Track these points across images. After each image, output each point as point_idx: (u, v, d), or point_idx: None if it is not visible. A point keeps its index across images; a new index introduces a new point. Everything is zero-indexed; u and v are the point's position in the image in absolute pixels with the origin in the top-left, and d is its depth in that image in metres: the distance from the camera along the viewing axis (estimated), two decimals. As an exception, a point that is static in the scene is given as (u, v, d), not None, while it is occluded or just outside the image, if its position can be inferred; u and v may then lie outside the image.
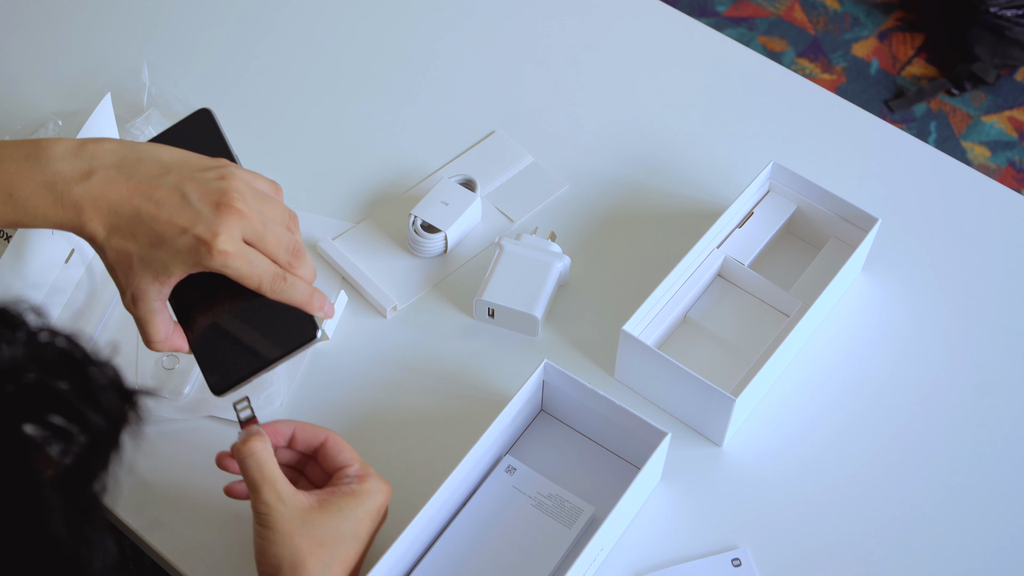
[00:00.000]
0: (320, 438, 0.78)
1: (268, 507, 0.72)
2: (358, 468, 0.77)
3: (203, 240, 0.72)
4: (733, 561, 0.82)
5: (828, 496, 0.86)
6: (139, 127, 1.01)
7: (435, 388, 0.90)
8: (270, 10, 1.15)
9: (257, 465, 0.73)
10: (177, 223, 0.73)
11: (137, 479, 0.85)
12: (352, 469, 0.77)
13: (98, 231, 0.73)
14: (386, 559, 0.75)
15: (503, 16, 1.15)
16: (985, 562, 0.83)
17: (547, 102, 1.08)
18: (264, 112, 1.08)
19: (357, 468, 0.77)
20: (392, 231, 0.99)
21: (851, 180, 1.02)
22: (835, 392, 0.90)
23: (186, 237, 0.72)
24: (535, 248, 0.94)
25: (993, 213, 1.01)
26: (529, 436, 0.88)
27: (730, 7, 2.21)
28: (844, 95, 1.27)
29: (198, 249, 0.72)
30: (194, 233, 0.72)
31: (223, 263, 0.73)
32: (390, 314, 0.94)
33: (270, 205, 0.76)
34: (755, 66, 1.12)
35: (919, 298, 0.95)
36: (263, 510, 0.72)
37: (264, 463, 0.73)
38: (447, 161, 1.04)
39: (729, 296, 0.95)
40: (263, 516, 0.72)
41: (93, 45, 1.12)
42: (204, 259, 0.73)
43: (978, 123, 2.06)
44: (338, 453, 0.77)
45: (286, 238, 0.76)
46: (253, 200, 0.75)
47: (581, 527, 0.82)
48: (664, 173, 1.03)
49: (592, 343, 0.92)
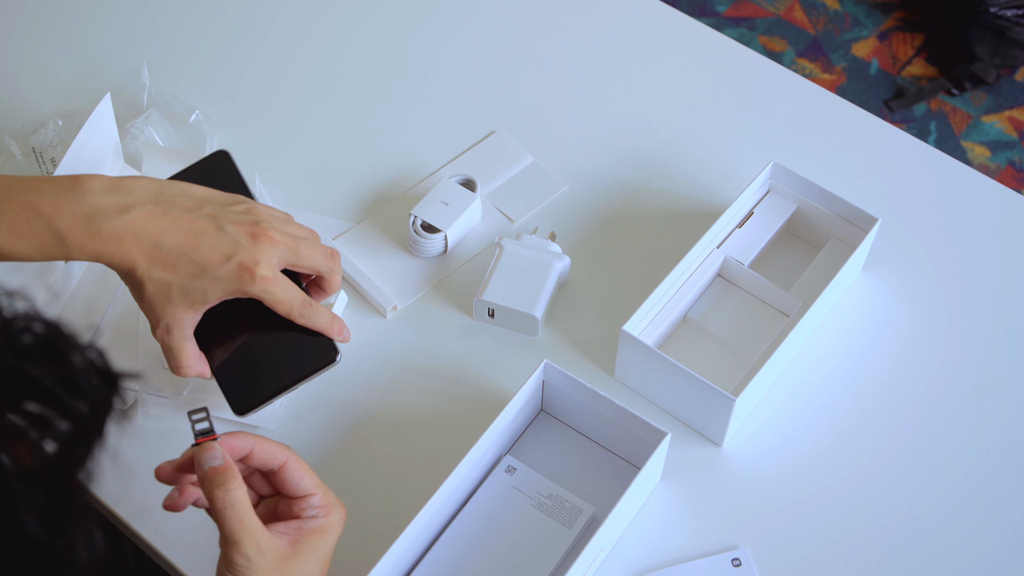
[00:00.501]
0: (279, 460, 0.72)
1: (248, 560, 0.68)
2: (321, 497, 0.72)
3: (246, 267, 0.78)
4: (733, 561, 0.82)
5: (828, 496, 0.86)
6: (139, 127, 1.01)
7: (435, 388, 0.90)
8: (270, 10, 1.15)
9: (238, 516, 0.67)
10: (219, 252, 0.78)
11: (137, 479, 0.85)
12: (315, 499, 0.72)
13: (139, 262, 0.77)
14: (386, 559, 0.75)
15: (503, 16, 1.15)
16: (985, 562, 0.83)
17: (547, 102, 1.08)
18: (264, 112, 1.08)
19: (320, 498, 0.72)
20: (392, 231, 0.99)
21: (851, 180, 1.02)
22: (835, 392, 0.90)
23: (229, 265, 0.78)
24: (535, 248, 0.94)
25: (993, 213, 1.01)
26: (529, 436, 0.88)
27: (730, 7, 2.21)
28: (844, 95, 1.27)
29: (241, 276, 0.78)
30: (238, 261, 0.78)
31: (263, 288, 0.79)
32: (390, 314, 0.94)
33: (294, 226, 0.83)
34: (755, 66, 1.12)
35: (919, 298, 0.95)
36: (241, 563, 0.68)
37: (244, 514, 0.68)
38: (447, 161, 1.04)
39: (729, 296, 0.95)
40: (240, 568, 0.68)
41: (92, 45, 1.12)
42: (246, 285, 0.78)
43: (978, 123, 2.06)
44: (299, 480, 0.71)
45: (319, 247, 0.83)
46: (281, 226, 0.81)
47: (581, 527, 0.82)
48: (664, 173, 1.03)
49: (592, 343, 0.92)
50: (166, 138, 1.02)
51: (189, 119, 1.04)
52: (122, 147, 0.99)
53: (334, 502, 0.72)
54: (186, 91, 1.06)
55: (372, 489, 0.86)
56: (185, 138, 1.03)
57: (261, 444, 0.71)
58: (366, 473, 0.86)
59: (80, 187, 0.77)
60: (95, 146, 0.94)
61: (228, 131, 1.06)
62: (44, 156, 1.00)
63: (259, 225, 0.80)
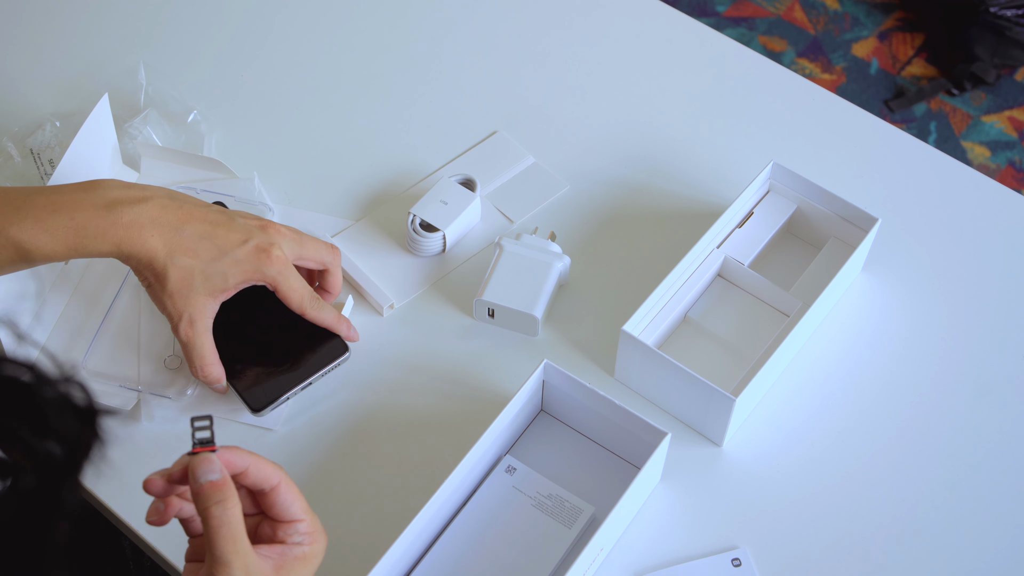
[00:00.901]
0: (272, 481, 0.69)
1: None
2: (308, 525, 0.69)
3: (263, 248, 0.83)
4: (733, 561, 0.82)
5: (828, 496, 0.85)
6: (137, 127, 1.01)
7: (435, 388, 0.90)
8: (268, 8, 1.15)
9: (231, 537, 0.64)
10: (235, 237, 0.83)
11: (138, 480, 0.85)
12: (303, 526, 0.69)
13: (159, 248, 0.81)
14: (386, 559, 0.75)
15: (506, 16, 1.15)
16: (985, 562, 0.83)
17: (549, 102, 1.08)
18: (263, 110, 1.08)
19: (308, 524, 0.69)
20: (391, 230, 0.99)
21: (851, 180, 1.02)
22: (835, 392, 0.90)
23: (247, 247, 0.83)
24: (535, 248, 0.94)
25: (993, 213, 1.01)
26: (529, 436, 0.88)
27: (730, 7, 2.21)
28: (844, 95, 1.27)
29: (259, 256, 0.83)
30: (254, 243, 0.83)
31: (279, 270, 0.83)
32: (387, 312, 0.94)
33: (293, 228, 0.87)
34: (755, 66, 1.12)
35: (919, 298, 0.95)
36: None
37: (239, 535, 0.65)
38: (448, 160, 1.04)
39: (729, 296, 0.95)
40: None
41: (90, 46, 1.12)
42: (264, 266, 0.83)
43: (978, 123, 2.06)
44: (290, 504, 0.69)
45: (321, 241, 0.88)
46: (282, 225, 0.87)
47: (581, 527, 0.82)
48: (664, 173, 1.03)
49: (592, 343, 0.92)
50: (164, 138, 1.02)
51: (187, 119, 1.04)
52: (120, 147, 0.99)
53: (320, 530, 0.70)
54: (183, 91, 1.06)
55: (372, 489, 0.85)
56: (183, 138, 1.03)
57: (257, 463, 0.68)
58: (366, 473, 0.86)
59: (98, 185, 0.82)
60: (94, 147, 0.94)
61: (226, 130, 1.06)
62: (42, 157, 1.00)
63: (266, 219, 0.86)
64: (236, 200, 0.97)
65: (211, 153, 1.03)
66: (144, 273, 0.82)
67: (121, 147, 1.00)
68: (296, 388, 0.86)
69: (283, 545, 0.68)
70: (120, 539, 0.99)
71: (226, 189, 0.98)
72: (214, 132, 1.05)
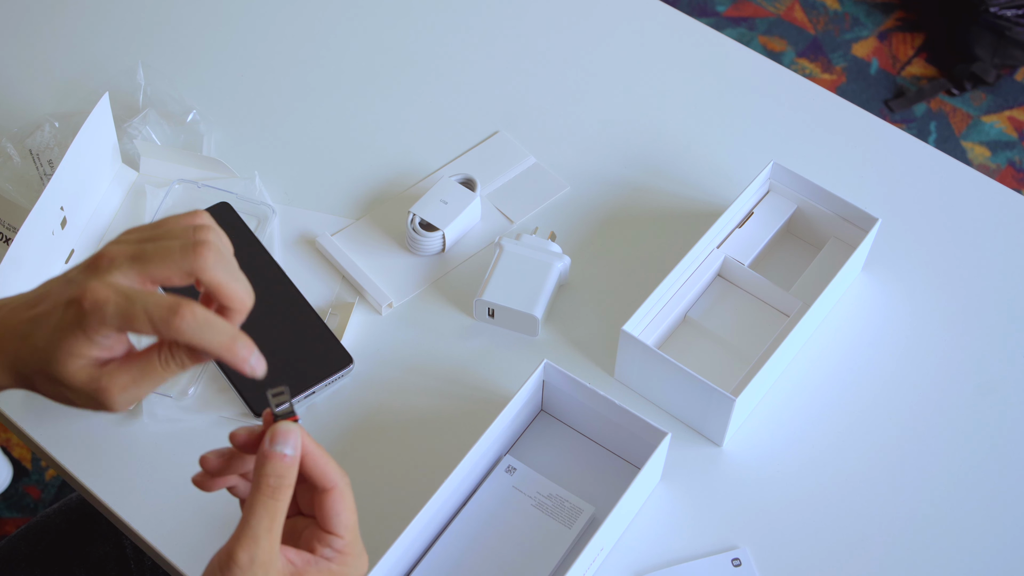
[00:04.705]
0: (329, 484, 0.65)
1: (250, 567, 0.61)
2: (345, 544, 0.65)
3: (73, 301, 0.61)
4: (733, 561, 0.82)
5: (828, 496, 0.85)
6: (136, 127, 1.01)
7: (435, 388, 0.90)
8: (267, 7, 1.15)
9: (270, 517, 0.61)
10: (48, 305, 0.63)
11: (139, 480, 0.85)
12: (339, 543, 0.65)
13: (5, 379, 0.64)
14: (386, 559, 0.75)
15: (507, 16, 1.15)
16: (985, 562, 0.83)
17: (550, 102, 1.08)
18: (262, 109, 1.08)
19: (344, 544, 0.65)
20: (391, 229, 0.99)
21: (851, 180, 1.02)
22: (835, 392, 0.90)
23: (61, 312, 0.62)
24: (535, 248, 0.94)
25: (993, 213, 1.01)
26: (529, 436, 0.88)
27: (730, 7, 2.21)
28: (844, 95, 1.27)
29: (69, 313, 0.61)
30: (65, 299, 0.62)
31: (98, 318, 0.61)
32: (385, 311, 0.94)
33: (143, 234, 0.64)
34: (755, 66, 1.12)
35: (919, 298, 0.95)
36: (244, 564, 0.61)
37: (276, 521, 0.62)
38: (449, 160, 1.04)
39: (729, 296, 0.95)
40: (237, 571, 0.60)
41: (89, 46, 1.12)
42: (79, 321, 0.61)
43: (978, 123, 2.06)
44: (336, 514, 0.65)
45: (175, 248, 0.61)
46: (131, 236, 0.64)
47: (581, 527, 0.82)
48: (664, 173, 1.03)
49: (592, 343, 0.92)
50: (163, 137, 1.02)
51: (186, 118, 1.04)
52: (119, 147, 0.99)
53: (357, 555, 0.66)
54: (182, 90, 1.06)
55: (372, 489, 0.85)
56: (182, 137, 1.03)
57: (325, 458, 0.64)
58: (366, 473, 0.86)
59: None
60: (94, 147, 0.94)
61: (226, 130, 1.06)
62: (41, 158, 1.00)
63: (100, 250, 0.63)
64: (237, 198, 0.97)
65: (210, 153, 1.03)
66: (41, 391, 0.65)
67: (120, 147, 1.00)
68: (299, 397, 0.87)
69: (311, 555, 0.64)
70: (121, 539, 0.99)
71: (226, 188, 0.98)
72: (213, 132, 1.05)
